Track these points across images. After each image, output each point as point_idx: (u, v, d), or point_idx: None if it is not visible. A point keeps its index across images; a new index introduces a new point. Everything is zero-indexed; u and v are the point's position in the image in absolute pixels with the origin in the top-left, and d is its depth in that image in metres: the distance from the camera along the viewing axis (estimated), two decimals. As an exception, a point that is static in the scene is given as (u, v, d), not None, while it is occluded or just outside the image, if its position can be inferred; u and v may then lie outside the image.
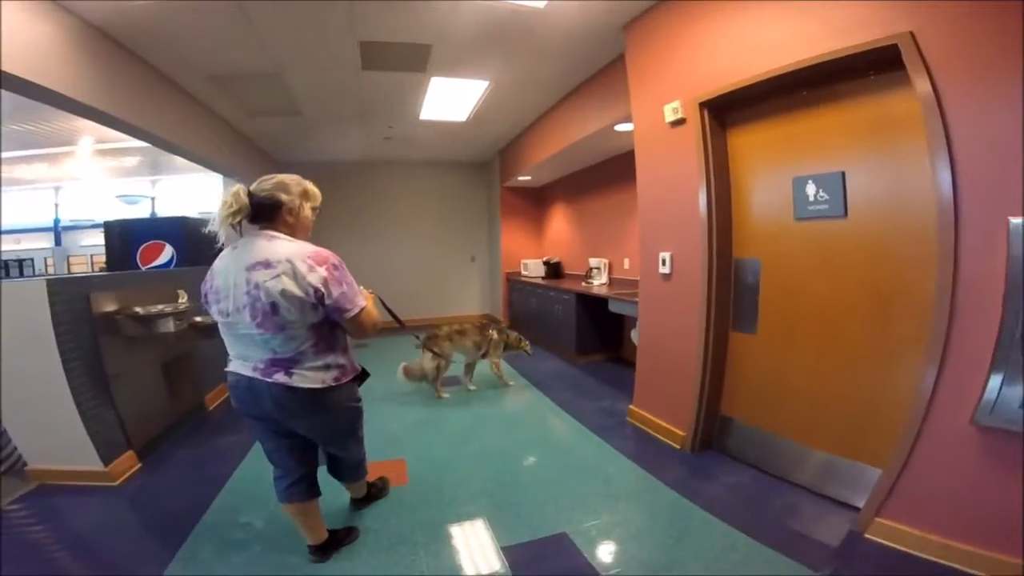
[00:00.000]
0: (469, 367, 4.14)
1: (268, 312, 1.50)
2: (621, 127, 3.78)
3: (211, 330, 2.75)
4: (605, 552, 1.95)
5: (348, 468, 2.05)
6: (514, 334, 4.20)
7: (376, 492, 2.34)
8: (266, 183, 1.65)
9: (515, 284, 6.66)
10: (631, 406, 3.30)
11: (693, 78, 2.63)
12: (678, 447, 2.85)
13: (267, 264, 1.52)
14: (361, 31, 3.14)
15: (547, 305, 5.47)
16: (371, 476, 2.28)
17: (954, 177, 1.70)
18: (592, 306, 4.83)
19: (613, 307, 4.30)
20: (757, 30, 2.29)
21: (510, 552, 1.94)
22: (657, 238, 3.02)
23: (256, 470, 2.63)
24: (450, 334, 3.90)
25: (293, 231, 1.66)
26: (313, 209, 1.75)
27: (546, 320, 5.47)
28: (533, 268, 6.43)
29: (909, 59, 1.75)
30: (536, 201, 7.15)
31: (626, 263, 5.03)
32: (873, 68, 1.98)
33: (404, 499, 2.38)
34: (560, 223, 6.54)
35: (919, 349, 1.86)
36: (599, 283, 5.15)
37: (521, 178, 6.22)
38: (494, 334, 4.06)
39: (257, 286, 1.50)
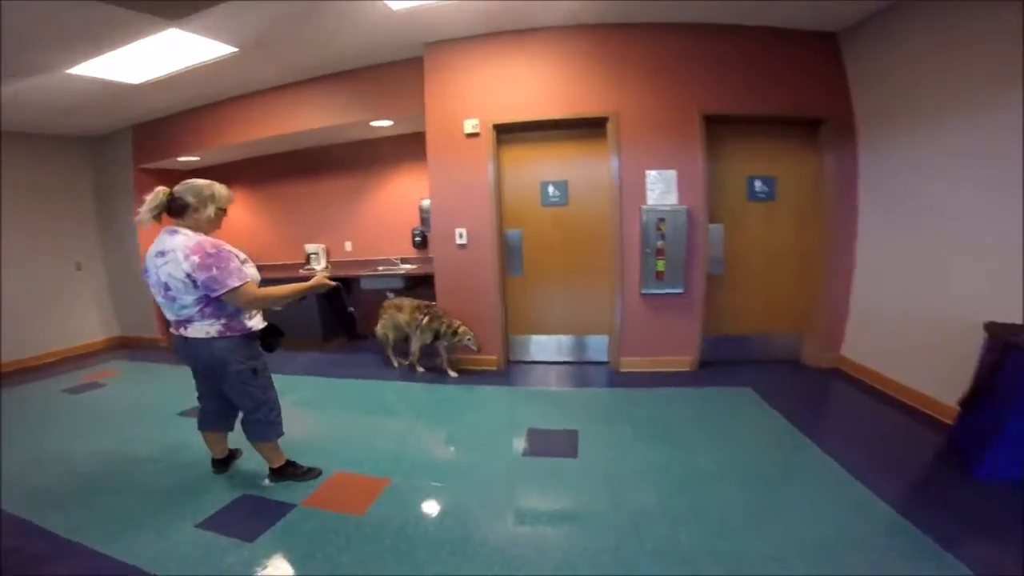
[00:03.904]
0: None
1: (166, 289, 2.05)
2: (379, 123, 4.33)
3: None
4: (562, 418, 3.10)
5: (247, 424, 2.36)
6: (456, 325, 3.91)
7: (293, 472, 2.47)
8: (181, 187, 2.11)
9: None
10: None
11: (488, 105, 3.79)
12: (495, 368, 4.07)
13: (162, 254, 2.04)
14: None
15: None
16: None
17: (621, 184, 3.73)
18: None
19: (366, 284, 4.80)
20: (535, 87, 3.74)
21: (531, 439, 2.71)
22: (452, 218, 4.00)
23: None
24: (391, 306, 4.20)
25: (198, 225, 2.13)
26: (219, 209, 2.18)
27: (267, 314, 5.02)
28: (206, 263, 5.47)
29: (612, 125, 3.67)
30: (192, 185, 5.85)
31: (348, 245, 5.43)
32: (590, 124, 3.80)
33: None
34: (239, 211, 5.79)
35: (610, 269, 3.90)
36: (320, 268, 5.30)
37: (186, 158, 5.13)
38: (424, 319, 4.00)
39: (158, 269, 2.05)
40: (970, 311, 2.63)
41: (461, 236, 4.00)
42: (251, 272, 2.17)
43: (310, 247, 5.36)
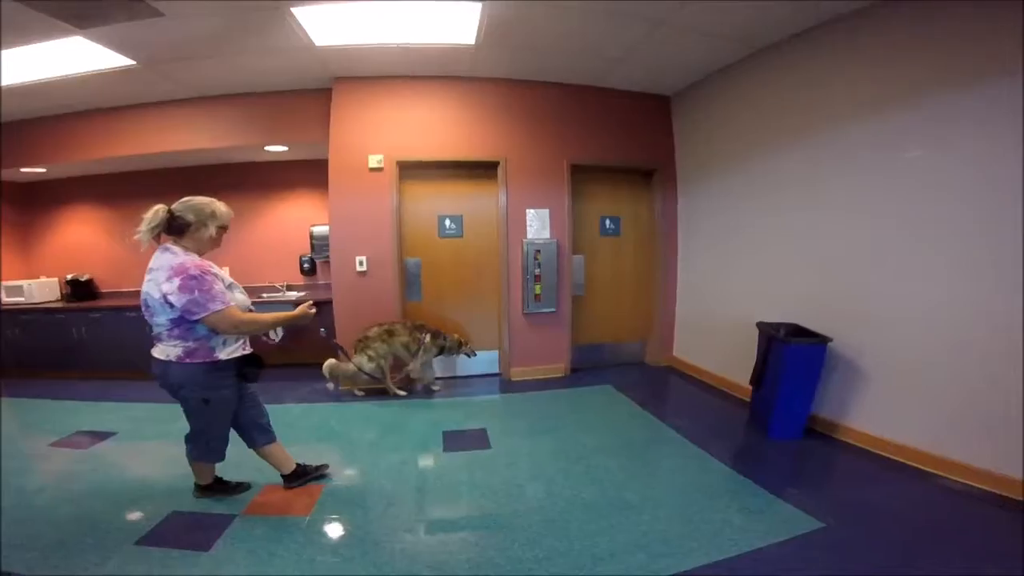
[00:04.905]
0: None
1: (145, 306, 2.08)
2: (273, 148, 4.34)
3: None
4: (471, 421, 3.53)
5: (189, 439, 2.36)
6: (454, 337, 4.24)
7: (222, 489, 2.52)
8: (181, 204, 2.10)
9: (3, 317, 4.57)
10: (347, 374, 4.28)
11: (393, 142, 4.16)
12: (401, 386, 4.31)
13: (149, 271, 2.06)
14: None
15: (111, 332, 4.55)
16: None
17: (507, 220, 4.42)
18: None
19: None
20: (437, 129, 4.24)
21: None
22: (353, 246, 4.22)
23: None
24: (381, 335, 4.01)
25: (197, 245, 2.14)
26: (221, 227, 2.19)
27: (125, 348, 4.55)
28: (36, 291, 4.66)
29: (501, 168, 4.35)
30: (25, 201, 4.97)
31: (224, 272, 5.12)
32: (483, 166, 4.41)
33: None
34: (84, 231, 5.03)
35: (498, 293, 4.53)
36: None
37: (30, 169, 4.36)
38: (426, 337, 4.07)
39: (142, 286, 2.07)
40: (751, 313, 3.72)
41: (361, 264, 4.24)
42: (238, 297, 2.21)
43: (180, 272, 4.97)
